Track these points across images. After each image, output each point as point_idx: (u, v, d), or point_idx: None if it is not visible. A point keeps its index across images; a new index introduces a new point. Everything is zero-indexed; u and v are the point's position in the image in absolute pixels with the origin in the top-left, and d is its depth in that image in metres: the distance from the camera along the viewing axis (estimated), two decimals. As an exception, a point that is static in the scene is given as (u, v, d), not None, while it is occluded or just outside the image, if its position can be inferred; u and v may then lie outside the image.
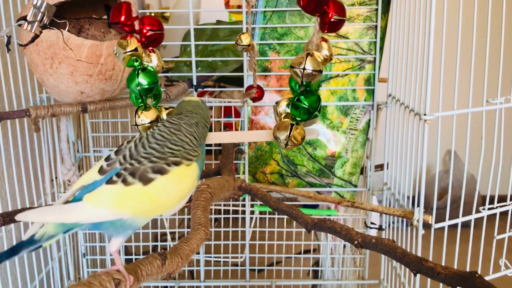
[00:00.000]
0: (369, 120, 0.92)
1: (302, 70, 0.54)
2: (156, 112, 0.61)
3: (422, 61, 0.74)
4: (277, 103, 0.62)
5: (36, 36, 0.68)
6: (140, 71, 0.58)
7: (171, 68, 1.13)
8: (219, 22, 1.12)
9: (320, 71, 0.55)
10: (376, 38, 0.88)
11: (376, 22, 0.87)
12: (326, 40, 0.57)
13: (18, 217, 0.44)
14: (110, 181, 0.47)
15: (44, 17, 0.69)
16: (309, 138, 0.64)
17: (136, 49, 0.56)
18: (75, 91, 0.73)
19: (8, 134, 0.78)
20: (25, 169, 0.81)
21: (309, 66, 0.54)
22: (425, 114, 0.74)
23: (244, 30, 0.85)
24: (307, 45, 0.57)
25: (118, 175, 0.47)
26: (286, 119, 0.60)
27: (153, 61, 0.60)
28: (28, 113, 0.71)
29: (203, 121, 0.58)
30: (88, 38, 0.80)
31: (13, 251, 0.45)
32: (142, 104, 0.61)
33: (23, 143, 0.80)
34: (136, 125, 0.60)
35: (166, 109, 0.64)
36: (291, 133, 0.59)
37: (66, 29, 0.70)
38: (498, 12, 0.74)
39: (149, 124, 0.60)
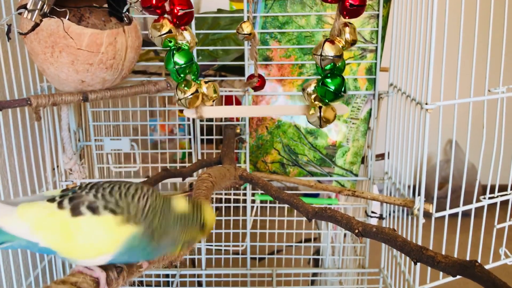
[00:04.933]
0: (371, 109, 0.92)
1: (320, 57, 0.57)
2: (196, 85, 0.66)
3: (424, 50, 0.73)
4: (306, 86, 0.65)
5: (36, 25, 0.68)
6: (175, 51, 0.61)
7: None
8: (220, 10, 1.11)
9: (339, 56, 0.57)
10: (378, 27, 0.88)
11: (378, 11, 0.87)
12: (348, 25, 0.59)
13: None
14: (52, 200, 0.45)
15: (44, 6, 0.68)
16: (339, 114, 0.71)
17: (170, 31, 0.59)
18: (76, 80, 0.73)
19: (9, 123, 0.78)
20: (27, 158, 0.81)
21: (327, 52, 0.57)
22: (426, 104, 0.74)
23: (245, 19, 0.84)
24: (331, 31, 0.60)
25: (62, 196, 0.45)
26: (315, 102, 0.65)
27: (186, 37, 0.63)
28: (29, 102, 0.71)
29: (166, 231, 0.48)
30: (89, 27, 0.79)
31: None
32: (181, 80, 0.65)
33: (24, 132, 0.81)
34: (179, 99, 0.65)
35: (205, 82, 0.68)
36: (321, 114, 0.64)
37: (67, 17, 0.69)
38: (501, 1, 0.73)
39: (190, 97, 0.65)
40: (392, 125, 0.92)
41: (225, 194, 1.02)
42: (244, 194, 0.98)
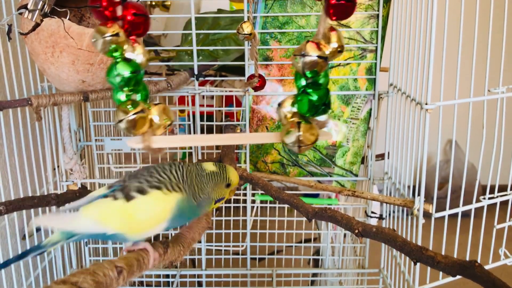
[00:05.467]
0: (370, 109, 0.92)
1: (302, 58, 0.49)
2: (143, 107, 0.53)
3: (424, 50, 0.73)
4: (280, 104, 0.55)
5: (37, 25, 0.68)
6: (120, 60, 0.50)
7: (172, 57, 1.13)
8: (220, 10, 1.11)
9: (325, 59, 0.49)
10: (378, 27, 0.88)
11: (378, 11, 0.87)
12: (335, 30, 0.50)
13: (35, 220, 0.53)
14: (106, 196, 0.54)
15: (45, 6, 0.68)
16: (322, 140, 0.60)
17: (117, 34, 0.48)
18: (77, 80, 0.73)
19: (10, 123, 0.78)
20: (27, 158, 0.81)
21: (309, 52, 0.49)
22: (426, 104, 0.74)
23: (246, 19, 0.85)
24: (314, 36, 0.51)
25: (115, 190, 0.54)
26: (292, 119, 0.54)
27: (137, 53, 0.51)
28: (29, 102, 0.71)
29: (199, 185, 0.56)
30: (89, 27, 0.79)
31: (20, 256, 0.52)
32: (126, 99, 0.53)
33: (25, 132, 0.81)
34: (119, 121, 0.52)
35: (155, 104, 0.55)
36: (301, 133, 0.52)
37: (67, 17, 0.70)
38: (501, 1, 0.73)
39: (132, 117, 0.52)
40: (392, 125, 0.92)
41: (225, 194, 1.02)
42: (244, 194, 0.98)
